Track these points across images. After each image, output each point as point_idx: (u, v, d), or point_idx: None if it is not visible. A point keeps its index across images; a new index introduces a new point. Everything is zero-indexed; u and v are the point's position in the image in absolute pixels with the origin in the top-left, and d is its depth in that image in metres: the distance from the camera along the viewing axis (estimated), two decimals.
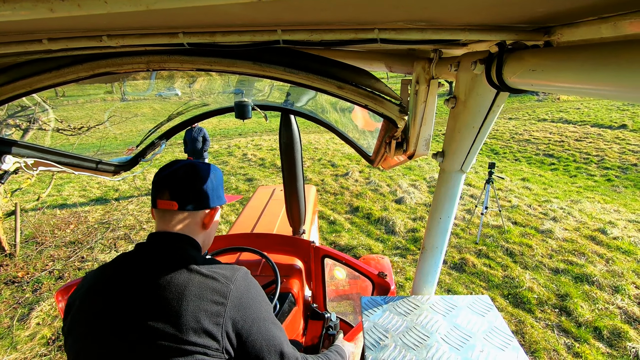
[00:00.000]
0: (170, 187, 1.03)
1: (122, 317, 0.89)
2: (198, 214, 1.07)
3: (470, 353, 1.22)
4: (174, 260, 0.96)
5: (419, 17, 0.72)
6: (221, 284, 0.93)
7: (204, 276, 0.93)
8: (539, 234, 5.71)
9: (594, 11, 0.58)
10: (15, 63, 1.09)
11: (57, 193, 8.67)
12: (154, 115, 14.01)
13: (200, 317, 0.86)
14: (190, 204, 1.04)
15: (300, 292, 2.16)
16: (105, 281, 0.96)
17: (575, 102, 19.29)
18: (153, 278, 0.92)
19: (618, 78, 0.50)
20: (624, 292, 4.27)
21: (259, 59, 1.06)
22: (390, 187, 7.96)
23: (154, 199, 1.04)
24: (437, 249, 1.42)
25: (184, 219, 1.05)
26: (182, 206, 1.03)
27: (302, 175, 2.56)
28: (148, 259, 0.97)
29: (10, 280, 4.90)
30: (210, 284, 0.92)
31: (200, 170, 1.07)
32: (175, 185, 1.03)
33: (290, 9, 0.65)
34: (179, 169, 1.05)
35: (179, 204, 1.03)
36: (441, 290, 4.51)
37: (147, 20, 0.73)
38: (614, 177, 8.73)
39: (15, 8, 0.48)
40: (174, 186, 1.03)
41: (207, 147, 8.33)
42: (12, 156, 1.47)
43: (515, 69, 0.73)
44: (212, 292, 0.91)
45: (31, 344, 3.76)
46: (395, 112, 1.23)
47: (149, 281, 0.92)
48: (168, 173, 1.05)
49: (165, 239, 1.02)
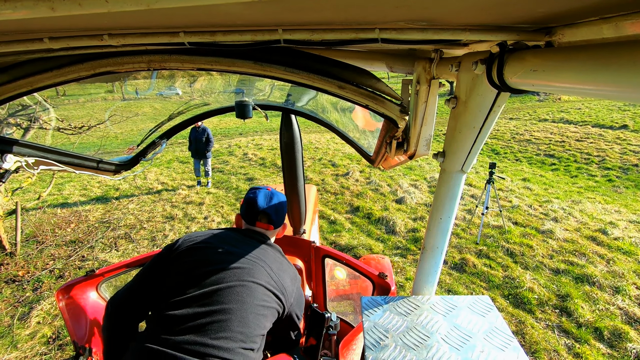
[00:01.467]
0: (269, 215, 1.53)
1: (240, 266, 1.32)
2: (278, 230, 1.61)
3: (470, 353, 1.22)
4: (273, 245, 1.53)
5: (420, 17, 0.72)
6: (295, 270, 1.53)
7: (289, 262, 1.53)
8: (539, 235, 5.70)
9: (595, 11, 0.58)
10: (16, 62, 1.09)
11: (58, 192, 8.68)
12: (154, 115, 14.04)
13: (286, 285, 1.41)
14: (278, 226, 1.59)
15: None
16: (221, 239, 1.43)
17: (576, 102, 19.27)
18: (263, 250, 1.45)
19: (619, 78, 0.50)
20: (625, 293, 4.26)
21: (259, 58, 1.06)
22: (390, 187, 7.96)
23: (253, 219, 1.53)
24: (437, 249, 1.42)
25: (273, 233, 1.59)
26: (275, 227, 1.57)
27: (302, 175, 2.56)
28: (253, 238, 1.50)
29: (10, 279, 4.91)
30: (292, 267, 1.52)
31: (282, 199, 1.60)
32: (273, 214, 1.54)
33: (291, 8, 0.65)
34: (272, 198, 1.56)
35: (274, 226, 1.56)
36: (441, 290, 4.51)
37: (148, 19, 0.73)
38: (615, 177, 8.72)
39: (16, 7, 0.48)
40: (272, 214, 1.54)
41: (210, 147, 8.40)
42: (13, 155, 1.47)
43: (516, 69, 0.73)
44: (293, 271, 1.50)
45: (31, 343, 3.77)
46: (396, 112, 1.23)
47: (260, 251, 1.44)
48: (267, 203, 1.54)
49: (262, 234, 1.54)
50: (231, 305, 1.22)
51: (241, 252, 1.37)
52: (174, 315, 1.19)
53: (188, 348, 1.13)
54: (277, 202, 1.56)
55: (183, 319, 1.18)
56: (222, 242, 1.39)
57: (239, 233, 1.49)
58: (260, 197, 1.54)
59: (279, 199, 1.57)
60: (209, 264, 1.30)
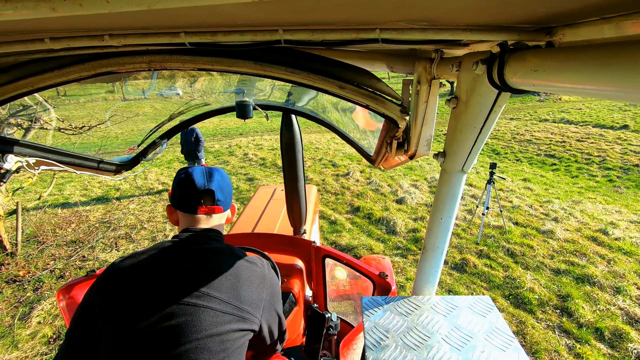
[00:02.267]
0: (213, 192, 1.19)
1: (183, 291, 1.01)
2: (227, 212, 1.28)
3: (471, 354, 1.22)
4: (222, 250, 1.16)
5: (420, 17, 0.72)
6: (261, 269, 1.18)
7: (249, 262, 1.16)
8: (540, 235, 5.70)
9: (596, 11, 0.58)
10: (17, 62, 1.09)
11: (59, 192, 8.69)
12: (155, 115, 14.04)
13: (251, 293, 1.10)
14: (227, 207, 1.26)
15: (301, 291, 2.16)
16: (153, 265, 1.07)
17: (577, 102, 19.24)
18: (210, 260, 1.11)
19: (620, 78, 0.50)
20: (626, 293, 4.25)
21: (260, 58, 1.06)
22: (391, 187, 7.95)
23: (193, 204, 1.18)
24: (438, 249, 1.41)
25: (220, 218, 1.26)
26: (224, 208, 1.24)
27: (303, 175, 2.56)
28: (196, 248, 1.13)
29: (11, 279, 4.92)
30: (254, 269, 1.16)
31: (224, 175, 1.27)
32: (218, 191, 1.20)
33: (292, 9, 0.65)
34: (212, 174, 1.22)
35: (223, 207, 1.23)
36: (442, 290, 4.51)
37: (149, 20, 0.73)
38: (616, 177, 8.71)
39: (17, 7, 0.48)
40: (216, 191, 1.20)
41: (200, 147, 8.10)
42: (14, 155, 1.47)
43: (516, 70, 0.73)
44: (256, 275, 1.15)
45: (32, 343, 3.77)
46: (396, 112, 1.23)
47: (206, 262, 1.10)
48: (207, 180, 1.20)
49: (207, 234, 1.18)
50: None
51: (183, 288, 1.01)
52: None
53: None
54: (220, 177, 1.23)
55: None
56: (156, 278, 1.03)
57: (176, 247, 1.12)
58: (197, 174, 1.19)
59: (220, 173, 1.24)
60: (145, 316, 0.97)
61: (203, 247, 1.13)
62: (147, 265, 1.06)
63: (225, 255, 1.13)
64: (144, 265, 1.06)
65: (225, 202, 1.24)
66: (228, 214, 1.29)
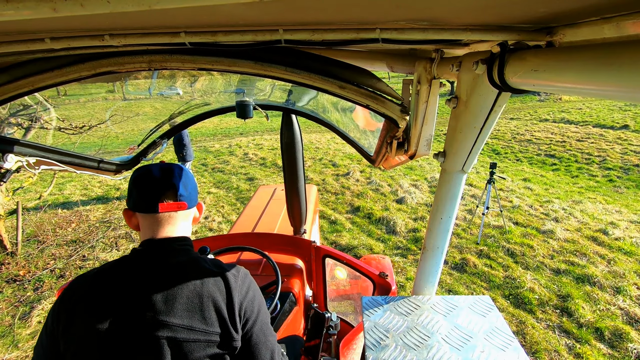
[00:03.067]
0: (175, 187, 1.04)
1: (144, 316, 0.91)
2: (192, 211, 1.12)
3: (471, 353, 1.22)
4: (185, 265, 1.01)
5: (420, 17, 0.72)
6: (231, 281, 1.02)
7: (218, 275, 1.01)
8: (540, 235, 5.70)
9: (596, 11, 0.58)
10: (17, 62, 1.10)
11: (59, 192, 8.69)
12: (155, 115, 14.04)
13: (220, 310, 0.96)
14: (192, 203, 1.09)
15: (301, 291, 2.16)
16: (113, 284, 0.96)
17: (577, 102, 19.23)
18: (170, 279, 0.97)
19: (620, 78, 0.50)
20: (626, 293, 4.25)
21: (260, 58, 1.06)
22: (391, 187, 7.95)
23: (153, 201, 1.02)
24: (438, 249, 1.42)
25: (186, 218, 1.10)
26: (189, 205, 1.08)
27: (303, 175, 2.56)
28: (155, 266, 1.00)
29: (11, 279, 4.92)
30: (220, 282, 1.00)
31: (187, 171, 1.11)
32: (180, 186, 1.05)
33: (292, 8, 0.65)
34: (173, 169, 1.07)
35: (188, 204, 1.07)
36: (442, 290, 4.51)
37: (149, 19, 0.73)
38: (616, 177, 8.70)
39: (18, 8, 0.48)
40: (179, 187, 1.04)
41: (183, 151, 7.50)
42: (14, 155, 1.48)
43: (517, 69, 0.73)
44: (224, 288, 1.00)
45: (32, 342, 3.77)
46: (396, 112, 1.23)
47: (165, 282, 0.96)
48: (167, 175, 1.05)
49: (170, 246, 1.04)
50: None
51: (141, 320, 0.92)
52: None
53: None
54: (180, 171, 1.08)
55: None
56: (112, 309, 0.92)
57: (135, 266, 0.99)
58: (155, 169, 1.05)
59: (180, 168, 1.10)
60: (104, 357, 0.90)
61: (164, 264, 0.99)
62: (103, 292, 0.94)
63: (188, 270, 0.99)
64: (100, 293, 0.94)
65: (190, 198, 1.08)
66: (195, 212, 1.14)
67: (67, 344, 0.92)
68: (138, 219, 1.06)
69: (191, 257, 1.04)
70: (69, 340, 0.92)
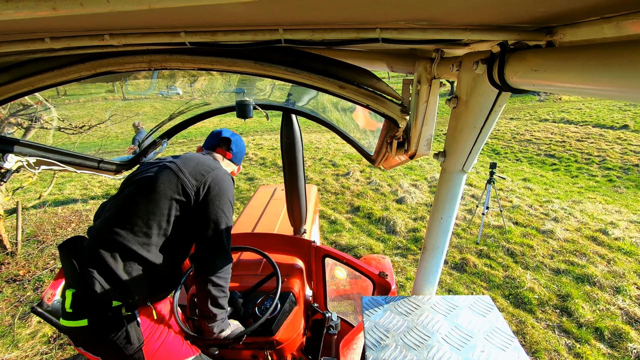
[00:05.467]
0: (229, 142, 1.84)
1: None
2: (233, 163, 1.87)
3: (471, 353, 1.22)
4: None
5: (420, 16, 0.72)
6: (215, 169, 1.63)
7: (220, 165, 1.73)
8: (540, 235, 5.70)
9: (596, 11, 0.58)
10: (17, 62, 1.10)
11: (59, 191, 8.69)
12: (155, 115, 14.04)
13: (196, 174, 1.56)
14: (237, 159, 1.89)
15: (301, 291, 2.16)
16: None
17: (577, 102, 19.24)
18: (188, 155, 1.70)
19: (620, 78, 0.50)
20: (625, 293, 4.26)
21: (260, 58, 1.06)
22: (391, 186, 7.96)
23: (213, 145, 1.83)
24: (438, 249, 1.42)
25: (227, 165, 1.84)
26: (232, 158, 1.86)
27: (303, 175, 2.56)
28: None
29: (11, 279, 4.92)
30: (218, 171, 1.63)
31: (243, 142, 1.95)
32: (234, 144, 1.85)
33: (292, 8, 0.65)
34: (235, 135, 1.89)
35: (232, 156, 1.86)
36: (442, 290, 4.51)
37: (149, 19, 0.73)
38: (616, 177, 8.71)
39: (18, 7, 0.48)
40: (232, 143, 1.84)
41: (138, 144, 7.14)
42: (15, 155, 1.48)
43: (517, 69, 0.73)
44: (209, 169, 1.61)
45: (32, 342, 3.77)
46: (396, 112, 1.23)
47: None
48: (230, 135, 1.86)
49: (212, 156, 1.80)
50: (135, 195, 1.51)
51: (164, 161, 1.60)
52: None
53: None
54: (239, 139, 1.88)
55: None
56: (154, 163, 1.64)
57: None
58: (225, 130, 1.86)
59: (240, 138, 1.90)
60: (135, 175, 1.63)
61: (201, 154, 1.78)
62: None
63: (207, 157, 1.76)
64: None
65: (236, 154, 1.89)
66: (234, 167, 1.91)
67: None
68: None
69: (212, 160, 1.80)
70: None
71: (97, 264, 1.40)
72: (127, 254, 1.43)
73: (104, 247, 1.42)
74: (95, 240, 1.44)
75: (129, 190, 1.54)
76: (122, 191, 1.58)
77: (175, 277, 1.65)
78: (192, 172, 1.56)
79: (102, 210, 1.63)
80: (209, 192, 1.54)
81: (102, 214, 1.58)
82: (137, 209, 1.47)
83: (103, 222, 1.50)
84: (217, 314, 1.58)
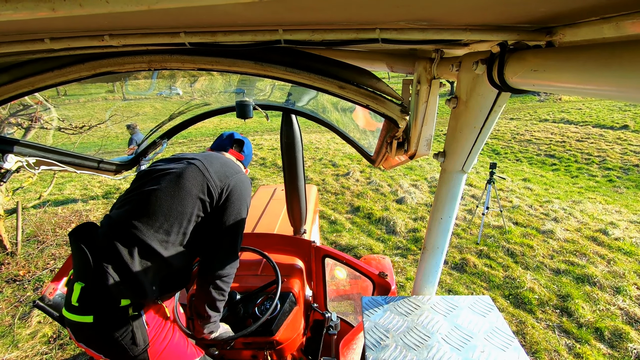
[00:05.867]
0: (241, 144, 1.88)
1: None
2: (242, 167, 1.86)
3: (471, 353, 1.22)
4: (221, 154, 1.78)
5: (420, 17, 0.72)
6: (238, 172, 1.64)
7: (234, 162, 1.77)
8: (540, 235, 5.70)
9: (596, 11, 0.58)
10: (17, 62, 1.10)
11: (59, 192, 8.69)
12: (155, 115, 14.03)
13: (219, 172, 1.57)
14: (246, 161, 1.91)
15: (301, 291, 2.16)
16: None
17: (577, 102, 19.24)
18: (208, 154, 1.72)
19: (620, 78, 0.50)
20: (626, 293, 4.26)
21: (260, 58, 1.06)
22: (391, 187, 7.96)
23: (225, 146, 1.84)
24: (438, 249, 1.42)
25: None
26: (243, 160, 1.89)
27: (303, 175, 2.56)
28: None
29: (11, 279, 4.92)
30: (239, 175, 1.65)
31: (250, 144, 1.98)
32: (245, 146, 1.89)
33: (292, 8, 0.65)
34: (244, 139, 1.92)
35: (244, 157, 1.89)
36: (442, 290, 4.51)
37: (149, 20, 0.73)
38: (616, 177, 8.70)
39: (17, 8, 0.48)
40: (243, 146, 1.88)
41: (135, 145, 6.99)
42: (14, 155, 1.48)
43: (516, 69, 0.73)
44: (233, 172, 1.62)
45: (32, 342, 3.78)
46: (396, 112, 1.23)
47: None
48: (242, 137, 1.91)
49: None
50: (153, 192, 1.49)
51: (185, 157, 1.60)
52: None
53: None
54: (249, 142, 1.94)
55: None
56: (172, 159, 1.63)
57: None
58: (236, 133, 1.90)
59: (249, 141, 1.96)
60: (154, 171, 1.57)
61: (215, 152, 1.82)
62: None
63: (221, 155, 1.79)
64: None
65: (247, 156, 1.92)
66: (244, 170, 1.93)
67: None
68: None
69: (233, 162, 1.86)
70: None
71: (113, 258, 1.36)
72: (144, 251, 1.40)
73: (121, 241, 1.37)
74: (112, 232, 1.40)
75: (152, 185, 1.49)
76: (143, 185, 1.51)
77: (185, 277, 1.62)
78: (217, 172, 1.54)
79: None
80: (231, 195, 1.52)
81: (117, 206, 1.53)
82: (160, 205, 1.43)
83: (121, 215, 1.45)
84: (211, 315, 1.57)
